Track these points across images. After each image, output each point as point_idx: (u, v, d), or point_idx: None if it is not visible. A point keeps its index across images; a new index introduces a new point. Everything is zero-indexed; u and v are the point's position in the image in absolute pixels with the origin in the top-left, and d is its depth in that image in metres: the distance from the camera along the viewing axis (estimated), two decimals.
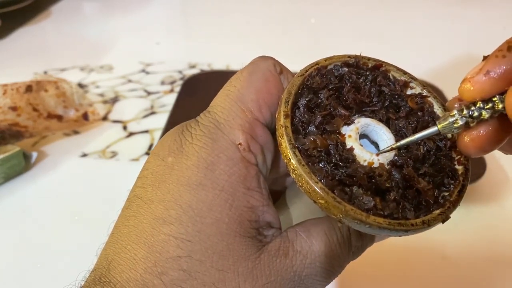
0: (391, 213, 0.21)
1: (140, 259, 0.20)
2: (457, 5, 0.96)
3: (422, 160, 0.22)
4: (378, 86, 0.24)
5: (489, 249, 0.42)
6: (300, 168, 0.21)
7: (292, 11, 0.97)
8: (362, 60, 0.25)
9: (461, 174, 0.22)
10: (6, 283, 0.39)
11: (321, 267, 0.22)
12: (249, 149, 0.22)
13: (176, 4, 1.03)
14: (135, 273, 0.20)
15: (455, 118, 0.20)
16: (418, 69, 0.68)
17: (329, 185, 0.21)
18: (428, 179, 0.22)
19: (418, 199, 0.21)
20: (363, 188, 0.21)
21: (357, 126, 0.23)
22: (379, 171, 0.21)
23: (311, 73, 0.24)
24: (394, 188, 0.21)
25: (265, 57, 0.25)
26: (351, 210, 0.20)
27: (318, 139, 0.22)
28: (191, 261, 0.20)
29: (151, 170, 0.22)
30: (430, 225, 0.21)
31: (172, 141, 0.23)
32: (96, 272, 0.21)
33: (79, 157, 0.53)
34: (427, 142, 0.23)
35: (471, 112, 0.19)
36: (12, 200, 0.47)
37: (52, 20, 0.91)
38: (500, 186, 0.49)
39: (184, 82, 0.68)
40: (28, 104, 0.52)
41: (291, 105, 0.22)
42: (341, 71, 0.24)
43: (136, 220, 0.21)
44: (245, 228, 0.21)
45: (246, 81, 0.23)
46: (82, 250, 0.42)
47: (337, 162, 0.21)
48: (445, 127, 0.20)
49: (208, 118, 0.23)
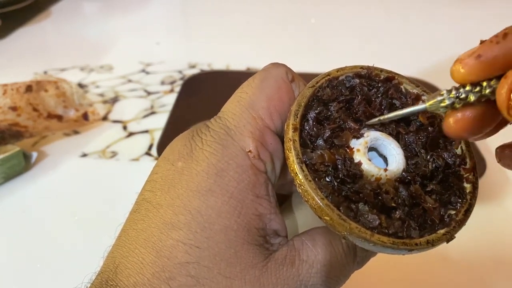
0: (395, 232, 0.20)
1: (148, 264, 0.20)
2: (457, 5, 0.96)
3: (430, 177, 0.22)
4: (390, 99, 0.24)
5: (489, 249, 0.42)
6: (306, 184, 0.21)
7: (292, 11, 0.97)
8: (374, 71, 0.24)
9: (469, 193, 0.22)
10: (6, 283, 0.39)
11: (327, 277, 0.22)
12: (258, 157, 0.22)
13: (176, 4, 1.03)
14: (142, 278, 0.20)
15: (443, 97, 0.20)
16: (418, 69, 0.69)
17: (335, 202, 0.20)
18: (435, 197, 0.22)
19: (423, 218, 0.21)
20: (369, 205, 0.21)
21: (366, 140, 0.22)
22: (386, 187, 0.21)
23: (322, 84, 0.24)
24: (400, 206, 0.21)
25: (277, 64, 0.25)
26: (356, 228, 0.20)
27: (326, 154, 0.22)
28: (199, 267, 0.20)
29: (160, 174, 0.22)
30: (434, 245, 0.21)
31: (182, 146, 0.23)
32: (103, 275, 0.21)
33: (79, 157, 0.53)
34: (436, 159, 0.22)
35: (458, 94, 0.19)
36: (12, 200, 0.47)
37: (52, 20, 0.91)
38: (500, 186, 0.49)
39: (184, 82, 0.68)
40: (28, 104, 0.52)
41: (300, 118, 0.22)
42: (352, 83, 0.24)
43: (144, 224, 0.21)
44: (253, 235, 0.21)
45: (258, 88, 0.23)
46: (82, 250, 0.42)
47: (344, 178, 0.21)
48: (432, 105, 0.20)
49: (219, 124, 0.23)
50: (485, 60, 0.18)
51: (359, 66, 0.24)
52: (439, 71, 0.69)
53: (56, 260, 0.41)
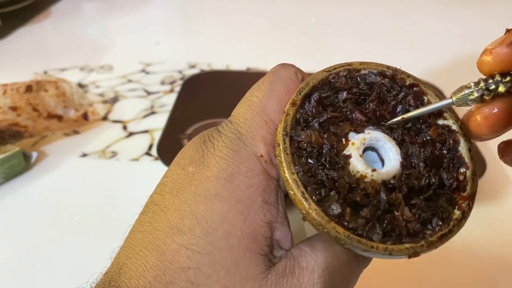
0: (355, 228, 0.20)
1: (151, 266, 0.20)
2: (457, 5, 0.96)
3: (418, 191, 0.21)
4: (408, 105, 0.23)
5: (489, 249, 0.42)
6: (282, 156, 0.21)
7: (292, 11, 0.97)
8: (400, 74, 0.23)
9: (455, 220, 0.21)
10: (5, 283, 0.39)
11: (331, 281, 0.21)
12: (270, 162, 0.22)
13: (176, 4, 1.03)
14: (144, 280, 0.20)
15: (470, 90, 0.19)
16: (418, 69, 0.68)
17: (305, 181, 0.20)
18: (415, 211, 0.21)
19: (392, 226, 0.20)
20: (341, 196, 0.20)
21: (365, 137, 0.22)
22: (366, 186, 0.21)
23: (339, 72, 0.23)
24: (371, 206, 0.20)
25: (286, 64, 0.24)
26: (315, 210, 0.20)
27: (314, 135, 0.21)
28: (199, 274, 0.20)
29: (171, 178, 0.22)
30: (393, 254, 0.20)
31: (194, 151, 0.22)
32: (107, 275, 0.21)
33: (79, 157, 0.53)
34: (432, 176, 0.21)
35: (488, 85, 0.18)
36: (12, 200, 0.47)
37: (52, 20, 0.91)
38: (500, 186, 0.49)
39: (184, 82, 0.68)
40: (28, 104, 0.52)
41: (304, 96, 0.22)
42: (373, 79, 0.23)
43: (151, 227, 0.21)
44: (258, 243, 0.21)
45: (268, 91, 0.23)
46: (82, 250, 0.42)
47: (324, 163, 0.21)
48: (459, 98, 0.19)
49: (230, 129, 0.22)
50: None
51: (385, 65, 0.23)
52: (439, 71, 0.69)
53: (56, 260, 0.41)
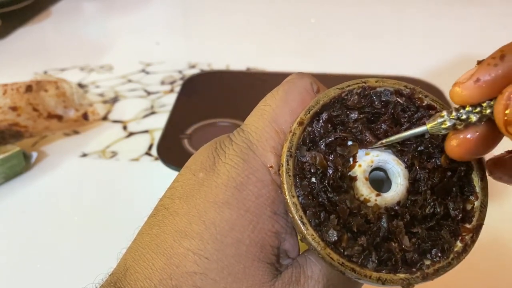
0: (350, 255, 0.20)
1: (157, 270, 0.20)
2: (457, 5, 0.95)
3: (421, 220, 0.21)
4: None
5: (489, 249, 0.42)
6: (284, 177, 0.21)
7: (292, 11, 0.97)
8: (418, 94, 0.22)
9: (455, 252, 0.21)
10: (5, 283, 0.39)
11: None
12: (279, 173, 0.22)
13: (176, 4, 1.03)
14: (149, 283, 0.20)
15: (443, 119, 0.19)
16: (418, 69, 0.69)
17: (305, 204, 0.20)
18: (415, 241, 0.20)
19: (389, 255, 0.20)
20: (341, 221, 0.20)
21: (373, 159, 0.21)
22: (367, 211, 0.20)
23: (353, 89, 0.22)
24: (370, 232, 0.20)
25: (302, 74, 0.24)
26: (311, 235, 0.20)
27: (319, 157, 0.21)
28: (206, 279, 0.20)
29: (181, 182, 0.22)
30: (385, 284, 0.20)
31: (206, 157, 0.23)
32: (113, 276, 0.21)
33: (79, 157, 0.53)
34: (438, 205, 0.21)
35: (459, 115, 0.19)
36: (12, 200, 0.47)
37: (52, 20, 0.91)
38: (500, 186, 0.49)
39: (184, 82, 0.68)
40: (28, 104, 0.52)
41: (313, 115, 0.22)
42: (389, 98, 0.22)
43: (159, 230, 0.21)
44: (266, 253, 0.21)
45: (282, 101, 0.23)
46: (82, 250, 0.42)
47: (327, 186, 0.21)
48: (433, 127, 0.20)
49: (242, 138, 0.22)
50: (483, 83, 0.18)
51: (403, 84, 0.23)
52: (439, 71, 0.69)
53: (56, 260, 0.41)
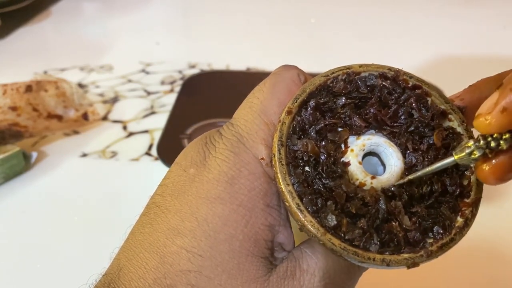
0: (351, 239, 0.19)
1: (151, 269, 0.20)
2: (457, 5, 0.95)
3: (419, 199, 0.21)
4: (410, 108, 0.22)
5: (489, 249, 0.42)
6: (278, 166, 0.20)
7: (292, 11, 0.97)
8: (402, 76, 0.22)
9: (457, 227, 0.20)
10: (5, 283, 0.39)
11: (331, 284, 0.21)
12: (271, 164, 0.22)
13: (176, 4, 1.03)
14: (144, 283, 0.20)
15: (471, 149, 0.19)
16: (418, 69, 0.68)
17: (301, 191, 0.20)
18: (415, 220, 0.20)
19: (391, 236, 0.20)
20: (338, 206, 0.20)
21: (364, 143, 0.21)
22: (365, 194, 0.20)
23: (338, 76, 0.22)
24: (368, 216, 0.20)
25: (288, 66, 0.24)
26: (310, 222, 0.19)
27: (310, 144, 0.21)
28: (200, 277, 0.20)
29: (172, 179, 0.22)
30: (390, 265, 0.19)
31: (196, 153, 0.22)
32: (107, 277, 0.21)
33: (79, 157, 0.53)
34: (435, 182, 0.21)
35: (488, 144, 0.18)
36: (12, 200, 0.47)
37: (52, 20, 0.91)
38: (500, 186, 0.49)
39: (184, 82, 0.68)
40: (28, 104, 0.52)
41: (300, 103, 0.22)
42: (374, 82, 0.22)
43: (151, 228, 0.21)
44: (259, 247, 0.21)
45: (269, 93, 0.23)
46: (82, 250, 0.42)
47: (321, 173, 0.20)
48: (462, 158, 0.19)
49: (231, 131, 0.22)
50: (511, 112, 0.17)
51: (386, 67, 0.23)
52: (439, 71, 0.69)
53: (56, 260, 0.41)
